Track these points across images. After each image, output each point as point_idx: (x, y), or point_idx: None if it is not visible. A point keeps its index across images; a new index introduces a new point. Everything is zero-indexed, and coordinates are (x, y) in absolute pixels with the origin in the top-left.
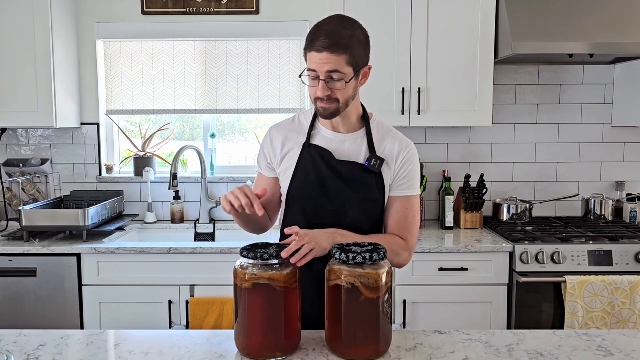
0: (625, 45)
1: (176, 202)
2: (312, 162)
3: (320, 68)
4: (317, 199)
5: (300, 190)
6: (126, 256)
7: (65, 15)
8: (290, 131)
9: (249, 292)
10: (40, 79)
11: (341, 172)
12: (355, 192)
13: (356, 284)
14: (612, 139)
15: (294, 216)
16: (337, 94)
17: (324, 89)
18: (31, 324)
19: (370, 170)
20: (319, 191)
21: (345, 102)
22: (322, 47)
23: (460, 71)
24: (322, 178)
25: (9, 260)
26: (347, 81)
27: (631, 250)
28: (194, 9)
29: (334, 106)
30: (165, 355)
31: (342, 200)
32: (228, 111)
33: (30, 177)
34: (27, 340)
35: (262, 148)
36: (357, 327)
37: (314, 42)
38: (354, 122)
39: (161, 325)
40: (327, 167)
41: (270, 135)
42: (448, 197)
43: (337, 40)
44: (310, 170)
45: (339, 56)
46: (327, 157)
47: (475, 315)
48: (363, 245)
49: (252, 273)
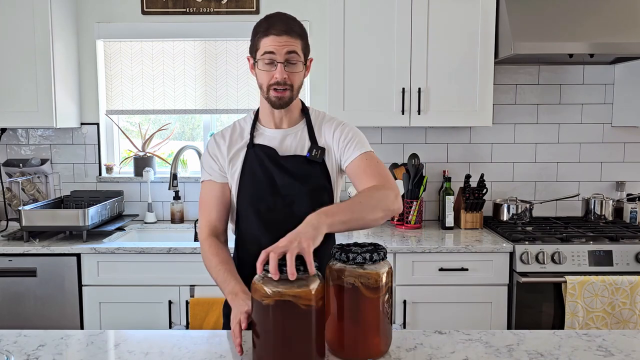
0: (625, 45)
1: (176, 202)
2: (258, 161)
3: (279, 50)
4: (268, 197)
5: (250, 190)
6: (126, 256)
7: (65, 15)
8: (234, 135)
9: (272, 310)
10: (40, 79)
11: (287, 167)
12: (303, 183)
13: (356, 284)
14: (612, 139)
15: (247, 217)
16: (293, 78)
17: (282, 71)
18: (31, 324)
19: (313, 160)
20: (268, 189)
21: (297, 89)
22: (281, 31)
23: (460, 71)
24: (270, 175)
25: (9, 260)
26: (304, 63)
27: (631, 250)
28: (193, 9)
29: (287, 94)
30: (165, 355)
31: (292, 194)
32: (228, 111)
33: (30, 177)
34: (27, 340)
35: (209, 155)
36: (357, 327)
37: (271, 27)
38: (295, 116)
39: (161, 325)
40: (273, 164)
41: (215, 141)
42: (448, 197)
43: (293, 28)
44: (257, 169)
45: (296, 40)
46: (271, 155)
47: (475, 315)
48: (363, 245)
49: (276, 290)
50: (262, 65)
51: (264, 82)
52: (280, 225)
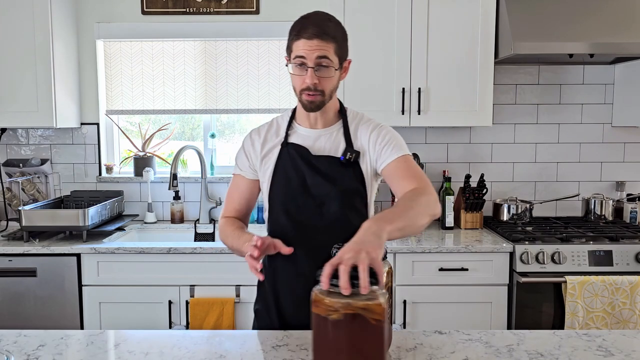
0: (625, 45)
1: (176, 202)
2: (290, 160)
3: (309, 55)
4: (298, 196)
5: (281, 188)
6: (126, 256)
7: (65, 15)
8: (269, 133)
9: (340, 325)
10: (40, 79)
11: (318, 166)
12: (335, 185)
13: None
14: (612, 139)
15: (277, 214)
16: (324, 83)
17: (312, 76)
18: (31, 324)
19: (347, 163)
20: (299, 188)
21: (330, 94)
22: (312, 35)
23: (460, 71)
24: (302, 174)
25: (9, 260)
26: (336, 68)
27: (631, 250)
28: (193, 9)
29: (319, 98)
30: (165, 355)
31: (323, 194)
32: (228, 111)
33: (30, 177)
34: (27, 340)
35: (243, 150)
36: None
37: (303, 30)
38: (331, 117)
39: (161, 325)
40: (305, 163)
41: (250, 138)
42: (448, 197)
43: (326, 29)
44: (289, 168)
45: (328, 44)
46: (304, 154)
47: (475, 315)
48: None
49: (345, 302)
50: (294, 68)
51: (296, 86)
52: (308, 225)
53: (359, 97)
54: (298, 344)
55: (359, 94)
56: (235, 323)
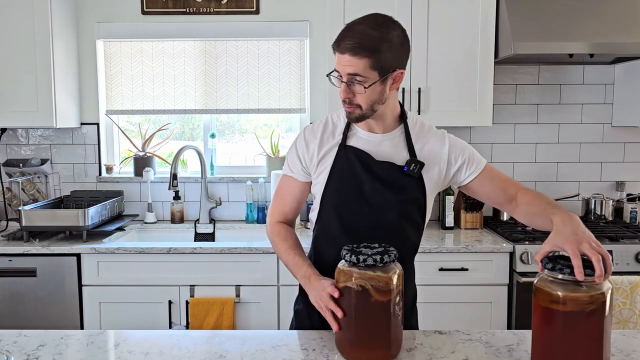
0: (625, 45)
1: (176, 202)
2: (348, 163)
3: (342, 70)
4: (353, 202)
5: (336, 192)
6: (126, 256)
7: (65, 15)
8: (325, 133)
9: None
10: (40, 79)
11: (379, 173)
12: (395, 193)
13: (366, 287)
14: (612, 139)
15: (329, 217)
16: (358, 98)
17: (345, 91)
18: (31, 324)
19: (410, 174)
20: (355, 193)
21: (370, 107)
22: (345, 49)
23: (460, 71)
24: (359, 180)
25: (9, 260)
26: (367, 86)
27: (631, 250)
28: (193, 9)
29: (357, 111)
30: (165, 356)
31: (381, 201)
32: (228, 111)
33: (30, 177)
34: (27, 340)
35: (295, 151)
36: (368, 330)
37: (339, 42)
38: (389, 122)
39: (161, 325)
40: (365, 169)
41: (305, 138)
42: (448, 197)
43: (362, 43)
44: (346, 172)
45: (361, 59)
46: (364, 159)
47: (475, 315)
48: (373, 247)
49: None
50: (333, 79)
51: (340, 95)
52: (362, 232)
53: None
54: (298, 344)
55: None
56: (235, 323)
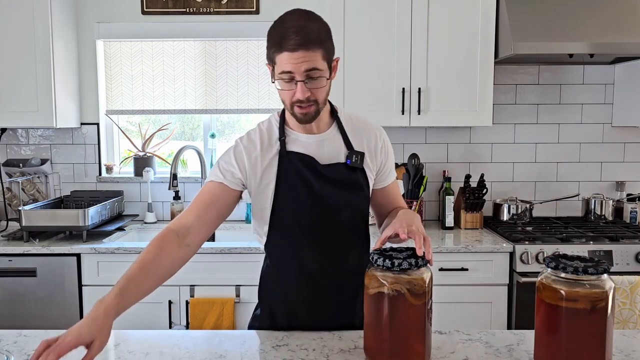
0: (625, 45)
1: (176, 202)
2: (294, 170)
3: (297, 69)
4: (309, 207)
5: (290, 201)
6: (126, 256)
7: (65, 15)
8: (264, 143)
9: None
10: (40, 79)
11: (327, 175)
12: (346, 192)
13: (402, 291)
14: (612, 139)
15: (287, 229)
16: (317, 94)
17: (303, 90)
18: (31, 324)
19: (354, 166)
20: (308, 199)
21: (324, 101)
22: (296, 46)
23: (460, 71)
24: (309, 185)
25: (9, 260)
26: (328, 77)
27: (631, 250)
28: (193, 9)
29: (313, 109)
30: (165, 355)
31: (334, 203)
32: (228, 111)
33: (30, 177)
34: (27, 340)
35: (234, 160)
36: (404, 336)
37: (284, 41)
38: (326, 120)
39: (161, 325)
40: (312, 172)
41: (245, 148)
42: (448, 197)
43: (309, 37)
44: (294, 179)
45: (315, 52)
46: (310, 163)
47: (475, 315)
48: (401, 250)
49: None
50: (281, 84)
51: (286, 100)
52: (322, 236)
53: (359, 98)
54: (298, 344)
55: (358, 95)
56: (235, 323)
